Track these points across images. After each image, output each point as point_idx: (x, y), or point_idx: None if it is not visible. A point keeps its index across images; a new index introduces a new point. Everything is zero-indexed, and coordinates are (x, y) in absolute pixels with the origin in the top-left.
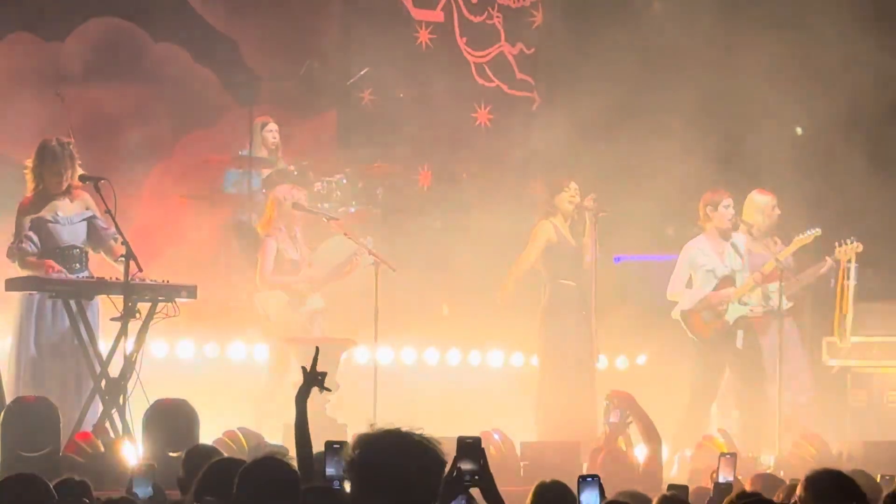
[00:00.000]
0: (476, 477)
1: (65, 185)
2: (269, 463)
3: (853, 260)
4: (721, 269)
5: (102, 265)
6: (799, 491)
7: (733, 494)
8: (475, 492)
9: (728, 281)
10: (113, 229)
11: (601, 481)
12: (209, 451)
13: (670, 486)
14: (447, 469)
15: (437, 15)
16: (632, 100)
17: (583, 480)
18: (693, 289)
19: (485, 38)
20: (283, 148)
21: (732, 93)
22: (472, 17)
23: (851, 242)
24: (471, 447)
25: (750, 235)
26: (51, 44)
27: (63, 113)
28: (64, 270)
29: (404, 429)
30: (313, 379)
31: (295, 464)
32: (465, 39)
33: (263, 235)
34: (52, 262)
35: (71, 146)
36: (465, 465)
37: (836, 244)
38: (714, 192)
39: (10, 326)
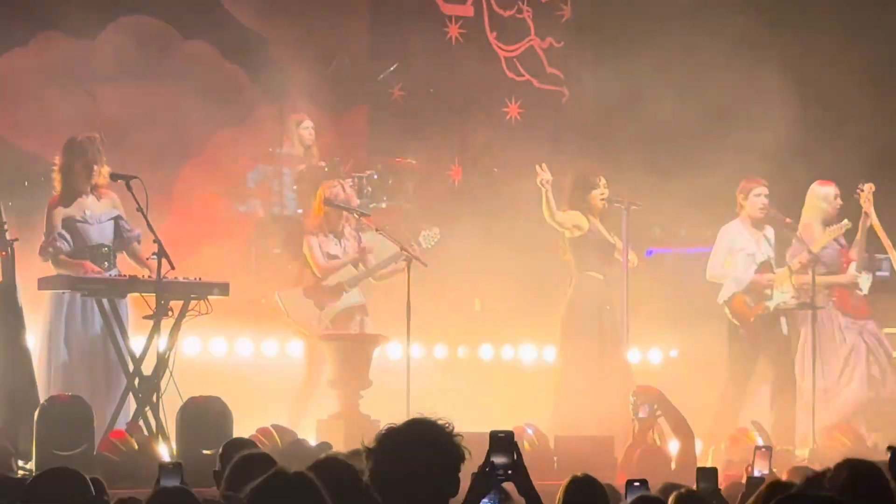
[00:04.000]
0: (510, 471)
1: (93, 181)
2: (331, 464)
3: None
4: (759, 254)
5: (130, 263)
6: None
7: (765, 485)
8: (510, 486)
9: (766, 267)
10: (137, 231)
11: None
12: (246, 445)
13: (699, 470)
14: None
15: (467, 9)
16: (661, 93)
17: (630, 485)
18: (735, 272)
19: (515, 32)
20: (315, 145)
21: (764, 81)
22: (501, 12)
23: (864, 185)
24: (503, 441)
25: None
26: (81, 42)
27: (94, 111)
28: (102, 270)
29: (429, 419)
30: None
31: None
32: (494, 34)
33: (305, 231)
34: (89, 263)
35: (98, 142)
36: (499, 459)
37: (855, 194)
38: (749, 179)
39: (40, 326)
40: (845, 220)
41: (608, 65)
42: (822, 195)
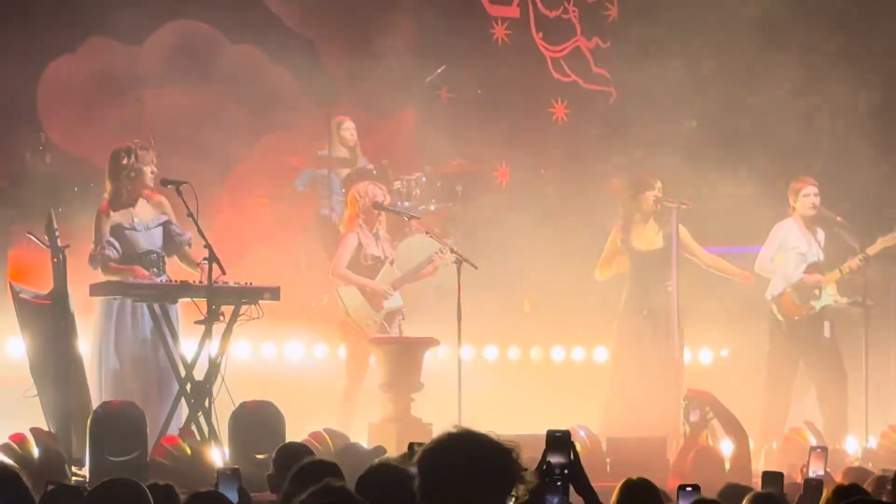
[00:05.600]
0: (566, 471)
1: (139, 190)
2: (384, 470)
3: None
4: (811, 255)
5: (179, 269)
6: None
7: (831, 490)
8: None
9: (815, 268)
10: (188, 234)
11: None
12: (300, 449)
13: (765, 474)
14: (538, 462)
15: (513, 10)
16: (710, 92)
17: (683, 490)
18: (785, 269)
19: (561, 32)
20: (361, 147)
21: (815, 82)
22: (547, 12)
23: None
24: (560, 440)
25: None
26: (129, 47)
27: (142, 116)
28: (153, 276)
29: (478, 430)
30: None
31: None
32: (540, 34)
33: (345, 232)
34: (139, 269)
35: (142, 148)
36: (555, 459)
37: None
38: (798, 180)
39: (90, 332)
40: None
41: (654, 65)
42: None
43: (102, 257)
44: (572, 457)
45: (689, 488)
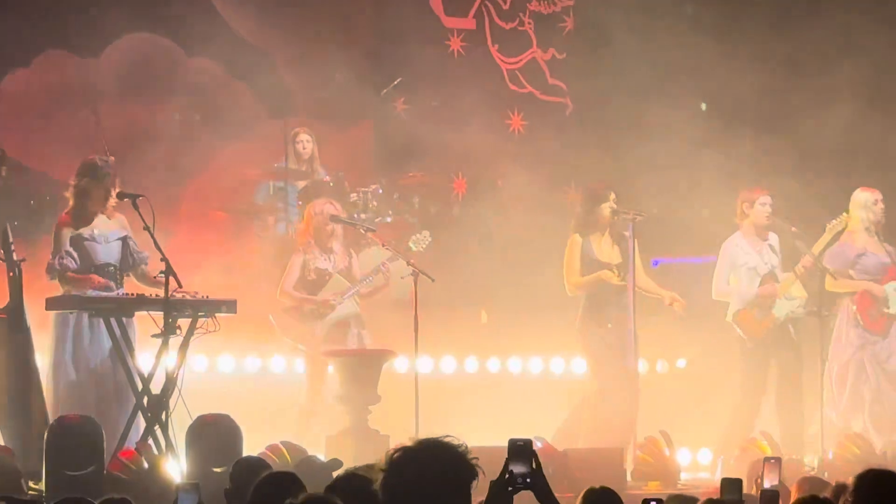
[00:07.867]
0: (528, 479)
1: (105, 204)
2: (353, 481)
3: None
4: (762, 266)
5: (136, 285)
6: (849, 491)
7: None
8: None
9: (770, 278)
10: (145, 253)
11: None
12: (257, 463)
13: (723, 481)
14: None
15: (469, 22)
16: (664, 102)
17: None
18: (739, 288)
19: (516, 44)
20: (318, 159)
21: (771, 90)
22: (503, 24)
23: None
24: (522, 449)
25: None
26: (85, 60)
27: (98, 129)
28: (111, 283)
29: (437, 439)
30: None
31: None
32: (496, 46)
33: (297, 247)
34: (96, 276)
35: (113, 165)
36: (517, 468)
37: None
38: (751, 189)
39: (46, 346)
40: (844, 214)
41: (610, 76)
42: (861, 202)
43: (61, 267)
44: (534, 465)
45: (653, 502)
